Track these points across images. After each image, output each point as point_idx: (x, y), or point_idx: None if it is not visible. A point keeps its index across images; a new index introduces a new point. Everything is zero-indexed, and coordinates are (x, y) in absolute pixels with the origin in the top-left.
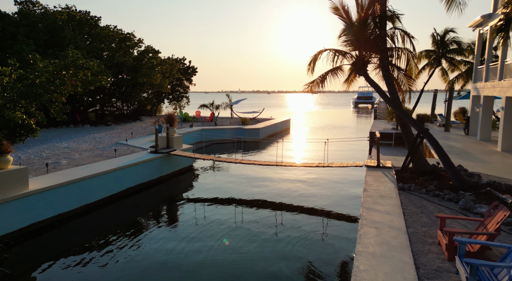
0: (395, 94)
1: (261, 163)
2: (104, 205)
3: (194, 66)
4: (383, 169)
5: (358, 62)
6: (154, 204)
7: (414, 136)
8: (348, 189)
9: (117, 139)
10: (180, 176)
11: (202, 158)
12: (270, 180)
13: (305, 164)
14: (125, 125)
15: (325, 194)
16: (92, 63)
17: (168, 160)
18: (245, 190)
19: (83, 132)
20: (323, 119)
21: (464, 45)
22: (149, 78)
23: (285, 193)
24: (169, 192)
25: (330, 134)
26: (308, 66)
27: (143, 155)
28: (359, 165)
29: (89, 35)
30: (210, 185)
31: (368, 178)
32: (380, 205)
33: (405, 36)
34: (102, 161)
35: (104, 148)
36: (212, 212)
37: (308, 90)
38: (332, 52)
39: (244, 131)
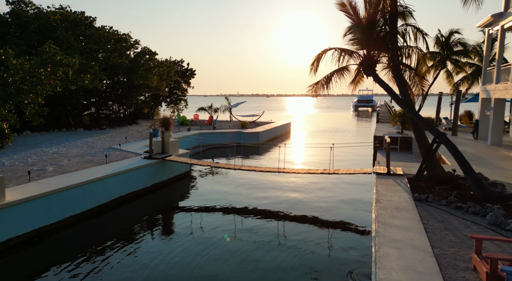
0: (407, 95)
1: (262, 170)
2: (91, 217)
3: (192, 69)
4: (394, 177)
5: (366, 62)
6: (147, 214)
7: (428, 141)
8: (355, 198)
9: (110, 144)
10: (176, 183)
11: (199, 164)
12: (271, 187)
13: (309, 171)
14: (120, 129)
15: (330, 203)
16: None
17: (163, 166)
18: (245, 198)
19: (75, 136)
20: (324, 122)
21: (470, 47)
22: (146, 80)
23: (287, 202)
24: (164, 200)
25: (332, 138)
26: (311, 66)
27: (136, 161)
28: (367, 172)
29: (83, 36)
30: (208, 193)
31: (379, 187)
32: (396, 219)
33: (417, 33)
34: (92, 168)
35: (96, 154)
36: (210, 221)
37: (311, 92)
38: (337, 51)
39: (244, 135)
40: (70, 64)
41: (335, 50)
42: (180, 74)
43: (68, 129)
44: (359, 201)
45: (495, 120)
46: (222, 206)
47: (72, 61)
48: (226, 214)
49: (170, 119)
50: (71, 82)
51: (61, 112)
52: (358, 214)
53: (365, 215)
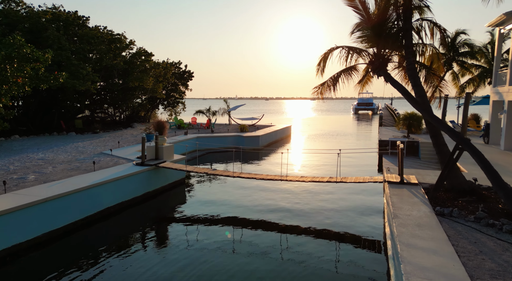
0: (424, 97)
1: (262, 178)
2: (74, 231)
3: (190, 71)
4: (408, 186)
5: (376, 61)
6: (138, 226)
7: (448, 147)
8: (362, 207)
9: (102, 149)
10: (171, 191)
11: (195, 171)
12: (273, 196)
13: (314, 179)
14: (114, 132)
15: (336, 213)
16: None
17: (156, 173)
18: (244, 207)
19: (66, 141)
20: (324, 125)
21: (476, 48)
22: (141, 82)
23: (290, 212)
24: (157, 210)
25: (334, 141)
26: (317, 67)
27: (127, 168)
28: (378, 181)
29: (76, 36)
30: (205, 202)
31: (394, 198)
32: (421, 239)
33: (434, 29)
34: (77, 176)
35: (84, 160)
36: (207, 233)
37: (317, 94)
38: (345, 49)
39: (243, 139)
40: (41, 60)
41: (342, 48)
42: (177, 76)
43: (59, 133)
44: (367, 211)
45: (509, 124)
46: (220, 216)
47: (43, 56)
48: (224, 225)
49: (164, 123)
50: (42, 81)
51: (53, 115)
52: (367, 226)
53: (375, 227)
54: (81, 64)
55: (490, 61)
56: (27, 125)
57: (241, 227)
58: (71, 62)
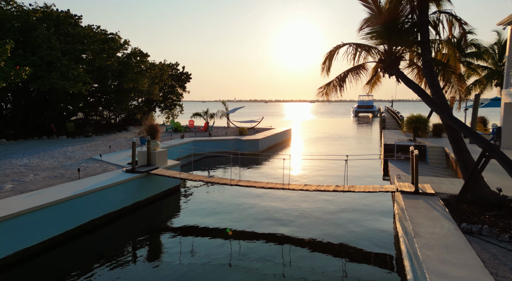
0: (442, 98)
1: (263, 186)
2: (52, 247)
3: (188, 72)
4: (424, 197)
5: (388, 58)
6: (127, 239)
7: (469, 153)
8: (372, 220)
9: (92, 154)
10: (164, 200)
11: (190, 178)
12: (274, 206)
13: (319, 188)
14: (108, 136)
15: (343, 225)
16: (7, 46)
17: (148, 181)
18: (243, 217)
19: (55, 145)
20: (324, 128)
21: (482, 48)
22: (136, 83)
23: (292, 223)
24: (148, 221)
25: (336, 145)
26: (322, 66)
27: (116, 176)
28: (390, 190)
29: (67, 35)
30: (201, 211)
31: (411, 211)
32: (452, 266)
33: (453, 21)
34: (59, 185)
35: (71, 166)
36: (202, 246)
37: (321, 95)
38: (352, 47)
39: (242, 143)
40: None
41: (349, 45)
42: (175, 78)
43: (49, 137)
44: (376, 223)
45: None
46: (217, 227)
47: None
48: (221, 238)
49: (157, 126)
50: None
51: (45, 118)
52: (377, 240)
53: (385, 241)
54: (72, 65)
55: (497, 62)
56: (16, 128)
57: (239, 239)
58: (61, 62)
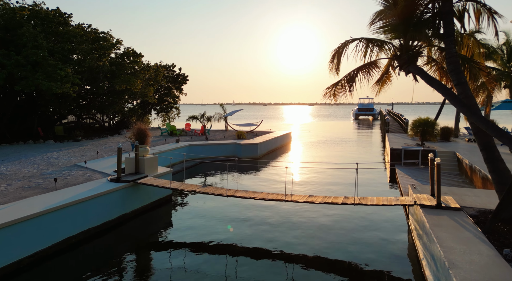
0: (471, 98)
1: (262, 198)
2: (18, 272)
3: (184, 74)
4: (448, 212)
5: (404, 54)
6: (109, 258)
7: (503, 163)
8: (385, 236)
9: (78, 160)
10: (153, 211)
11: (181, 188)
12: (275, 219)
13: (326, 200)
14: (99, 140)
15: (351, 242)
16: None
17: (135, 191)
18: (241, 232)
19: (40, 150)
20: (325, 131)
21: (490, 49)
22: (128, 85)
23: (296, 240)
24: (134, 236)
25: (338, 149)
26: (329, 64)
27: (99, 186)
28: (408, 204)
29: (56, 34)
30: (195, 224)
31: (437, 231)
32: None
33: (482, 11)
34: (32, 198)
35: (51, 174)
36: (196, 263)
37: (329, 96)
38: (363, 42)
39: (240, 147)
40: None
41: (359, 41)
42: (171, 80)
43: (36, 141)
44: (389, 240)
45: None
46: (212, 242)
47: None
48: (217, 254)
49: (146, 130)
50: None
51: (33, 121)
52: (391, 260)
53: (401, 263)
54: (59, 65)
55: (506, 63)
56: (2, 132)
57: (237, 255)
58: (48, 62)
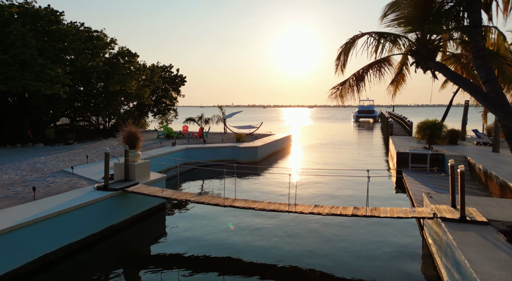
0: (502, 97)
1: (263, 208)
2: None
3: (182, 75)
4: (474, 227)
5: (422, 49)
6: (92, 274)
7: None
8: (396, 251)
9: (66, 165)
10: (145, 221)
11: (174, 197)
12: (277, 231)
13: (334, 211)
14: (92, 143)
15: (363, 259)
16: None
17: (124, 200)
18: (241, 246)
19: (27, 154)
20: (326, 134)
21: None
22: (123, 86)
23: (302, 256)
24: (122, 250)
25: (341, 152)
26: (336, 62)
27: (83, 195)
28: (427, 216)
29: (47, 32)
30: (190, 235)
31: (467, 251)
32: None
33: None
34: (6, 209)
35: (34, 181)
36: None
37: (335, 97)
38: (374, 37)
39: (239, 151)
40: None
41: (370, 35)
42: (168, 81)
43: (24, 145)
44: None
45: None
46: (209, 257)
47: None
48: (214, 270)
49: (137, 133)
50: None
51: (24, 124)
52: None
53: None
54: (49, 64)
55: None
56: None
57: (236, 272)
58: (37, 62)
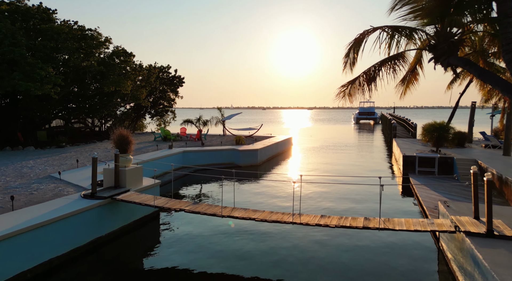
0: None
1: (265, 219)
2: None
3: (180, 76)
4: (505, 243)
5: (443, 43)
6: None
7: None
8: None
9: (54, 169)
10: (137, 231)
11: (167, 206)
12: (281, 243)
13: (343, 223)
14: (85, 146)
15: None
16: None
17: (113, 209)
18: (241, 259)
19: (15, 158)
20: (326, 136)
21: None
22: (118, 86)
23: (304, 271)
24: (111, 264)
25: (344, 154)
26: (344, 59)
27: (68, 204)
28: (448, 230)
29: (39, 31)
30: (186, 247)
31: (502, 274)
32: None
33: None
34: None
35: (16, 189)
36: None
37: (343, 96)
38: (387, 31)
39: (238, 154)
40: None
41: (382, 30)
42: (166, 82)
43: (14, 148)
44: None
45: None
46: (206, 272)
47: None
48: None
49: (128, 137)
50: None
51: (16, 126)
52: None
53: None
54: (39, 64)
55: None
56: None
57: None
58: (26, 61)
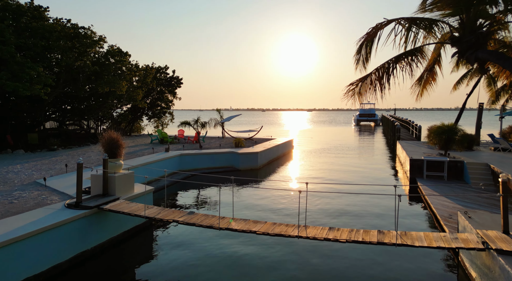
0: None
1: (267, 232)
2: None
3: (178, 77)
4: None
5: (469, 36)
6: None
7: None
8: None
9: (41, 174)
10: (126, 243)
11: (159, 217)
12: (285, 256)
13: (354, 237)
14: (78, 149)
15: None
16: None
17: (100, 219)
18: (240, 274)
19: (1, 162)
20: (327, 138)
21: None
22: (112, 87)
23: None
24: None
25: (347, 157)
26: (355, 56)
27: (49, 215)
28: (476, 247)
29: (29, 29)
30: (180, 261)
31: None
32: None
33: None
34: None
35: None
36: None
37: (352, 95)
38: (402, 24)
39: (238, 157)
40: None
41: (397, 22)
42: (164, 83)
43: (2, 151)
44: None
45: None
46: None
47: None
48: None
49: (118, 140)
50: None
51: (5, 128)
52: None
53: None
54: (29, 63)
55: None
56: None
57: None
58: (14, 60)
